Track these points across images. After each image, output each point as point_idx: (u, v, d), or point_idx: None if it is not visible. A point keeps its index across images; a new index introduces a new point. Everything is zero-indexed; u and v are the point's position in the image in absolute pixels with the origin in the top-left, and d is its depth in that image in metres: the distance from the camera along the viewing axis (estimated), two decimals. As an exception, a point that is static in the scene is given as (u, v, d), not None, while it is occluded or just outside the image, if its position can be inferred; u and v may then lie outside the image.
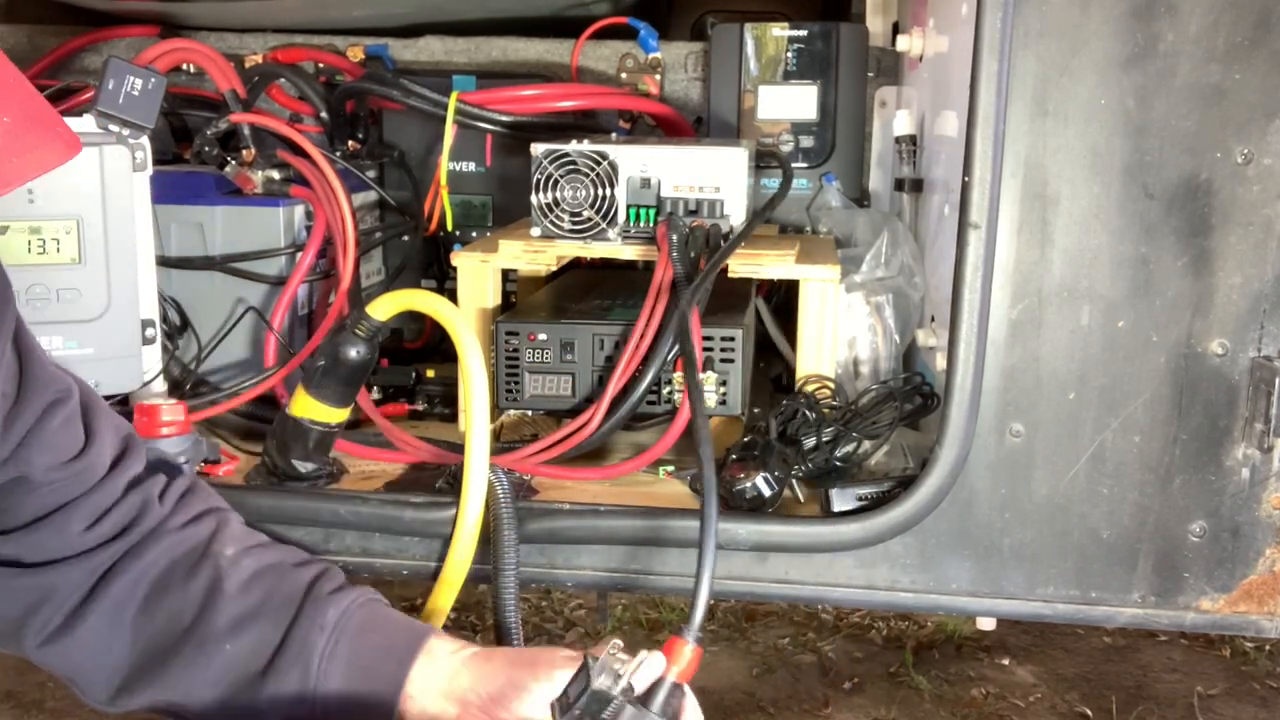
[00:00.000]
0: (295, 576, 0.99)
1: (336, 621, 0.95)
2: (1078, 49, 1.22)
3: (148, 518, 0.98)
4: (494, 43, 2.12)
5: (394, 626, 0.98)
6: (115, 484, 0.97)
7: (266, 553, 1.01)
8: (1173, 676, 2.59)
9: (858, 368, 1.61)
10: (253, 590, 0.97)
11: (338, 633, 0.95)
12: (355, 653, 0.95)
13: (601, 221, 1.49)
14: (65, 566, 0.94)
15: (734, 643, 2.71)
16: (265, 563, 0.99)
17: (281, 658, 0.94)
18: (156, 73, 1.38)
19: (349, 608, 0.96)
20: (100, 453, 0.96)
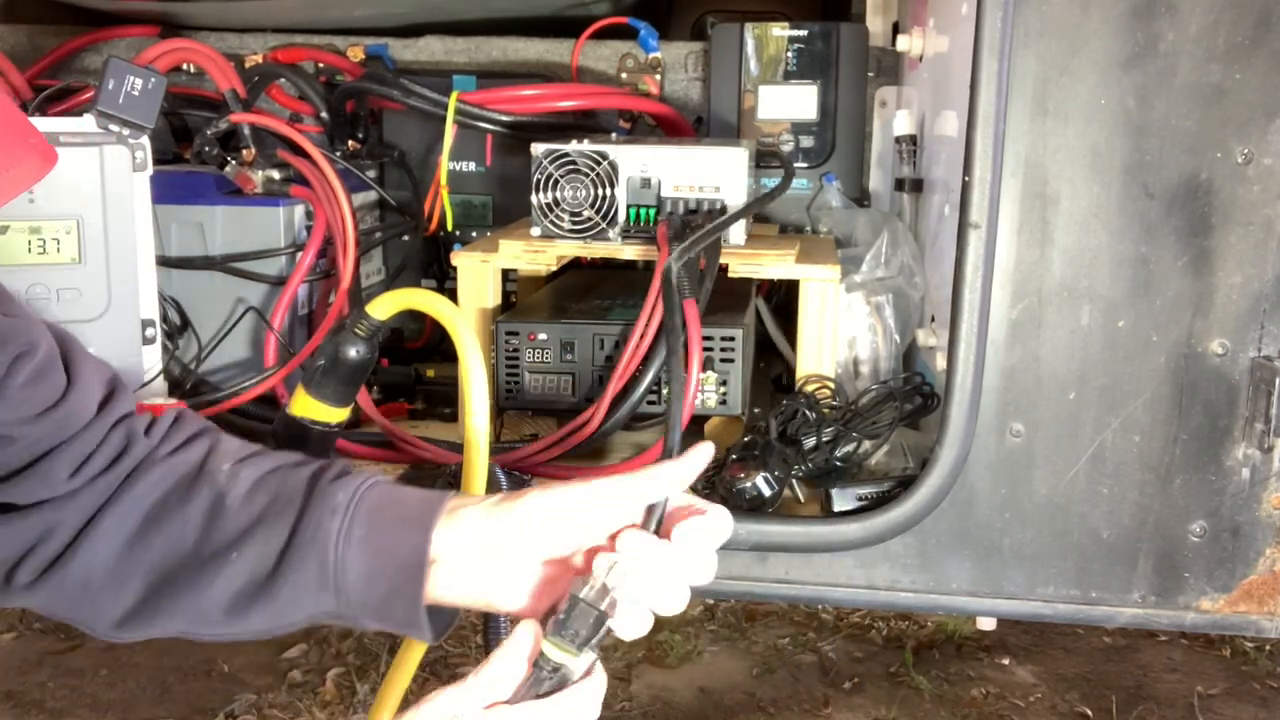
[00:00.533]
0: (297, 474, 0.93)
1: (347, 504, 0.89)
2: (1078, 49, 1.22)
3: (134, 450, 0.94)
4: (494, 43, 2.13)
5: (409, 498, 0.91)
6: (101, 426, 0.93)
7: (264, 459, 0.96)
8: (1173, 676, 2.59)
9: (858, 368, 1.61)
10: (256, 498, 0.92)
11: (350, 513, 0.89)
12: (372, 529, 0.89)
13: (601, 221, 1.49)
14: (55, 507, 0.91)
15: (734, 643, 2.71)
16: (265, 469, 0.94)
17: (294, 552, 0.89)
18: (156, 73, 1.38)
19: (358, 489, 0.91)
20: (83, 399, 0.92)
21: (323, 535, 0.88)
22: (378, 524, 0.89)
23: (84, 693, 2.44)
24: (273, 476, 0.93)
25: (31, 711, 2.38)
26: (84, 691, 2.45)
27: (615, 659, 2.61)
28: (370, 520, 0.89)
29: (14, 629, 2.70)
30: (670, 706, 2.45)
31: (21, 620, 2.73)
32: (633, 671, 2.56)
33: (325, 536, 0.88)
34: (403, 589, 0.88)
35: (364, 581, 0.88)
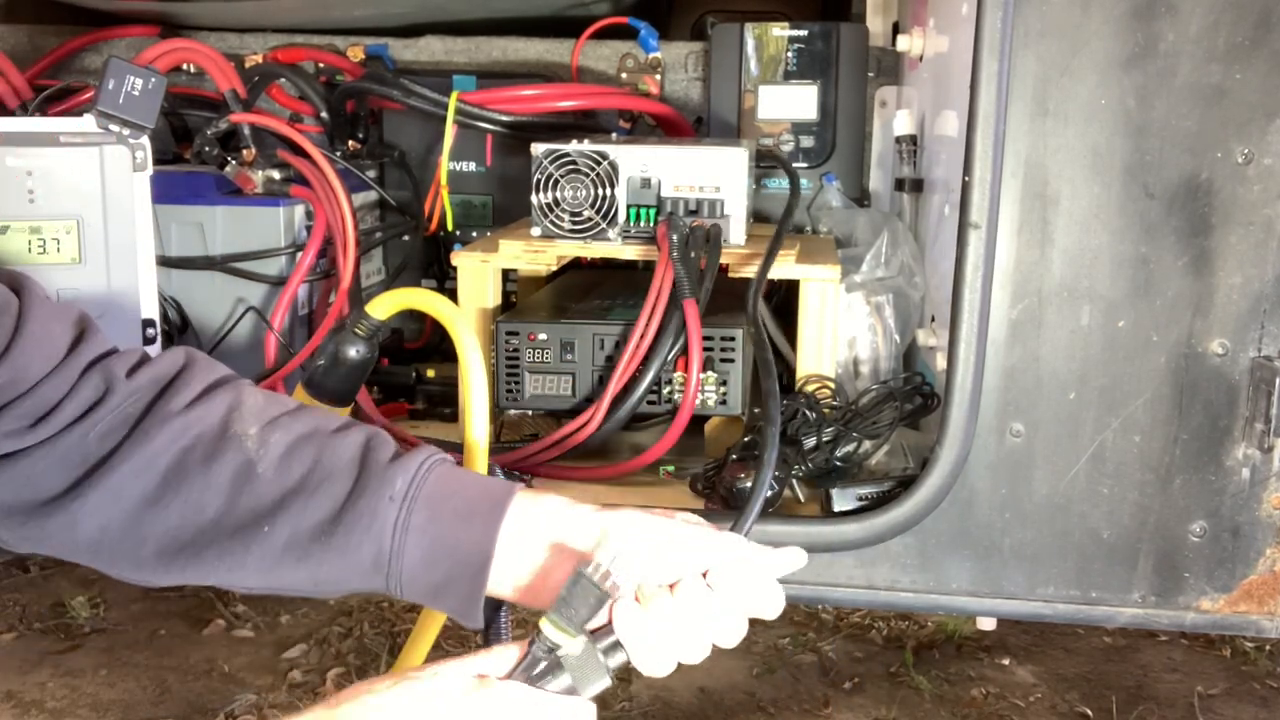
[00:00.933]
0: (340, 445, 0.88)
1: (406, 490, 0.86)
2: (1078, 49, 1.22)
3: (116, 394, 0.87)
4: (494, 43, 2.13)
5: (472, 488, 0.89)
6: (67, 373, 0.86)
7: (296, 422, 0.90)
8: (1173, 676, 2.59)
9: (858, 368, 1.61)
10: (291, 467, 0.87)
11: (410, 501, 0.86)
12: (433, 519, 0.86)
13: (602, 221, 1.49)
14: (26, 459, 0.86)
15: (734, 643, 2.71)
16: (298, 434, 0.89)
17: (345, 532, 0.85)
18: (157, 73, 1.38)
19: (417, 473, 0.87)
20: (26, 357, 0.85)
21: (380, 522, 0.86)
22: (439, 514, 0.86)
23: (84, 693, 2.44)
24: (308, 444, 0.88)
25: (31, 711, 2.38)
26: (84, 691, 2.45)
27: (615, 659, 2.61)
28: (431, 508, 0.86)
29: (14, 629, 2.70)
30: (670, 706, 2.45)
31: (21, 620, 2.74)
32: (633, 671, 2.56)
33: (383, 524, 0.86)
34: (461, 581, 0.86)
35: (421, 569, 0.86)
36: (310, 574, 0.87)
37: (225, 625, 2.73)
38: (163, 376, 0.90)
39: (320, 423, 0.91)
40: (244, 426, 0.88)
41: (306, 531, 0.86)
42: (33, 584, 2.91)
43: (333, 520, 0.86)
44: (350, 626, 2.73)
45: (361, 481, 0.87)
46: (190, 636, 2.68)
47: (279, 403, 0.93)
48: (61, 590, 2.86)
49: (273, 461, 0.87)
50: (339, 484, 0.87)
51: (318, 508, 0.86)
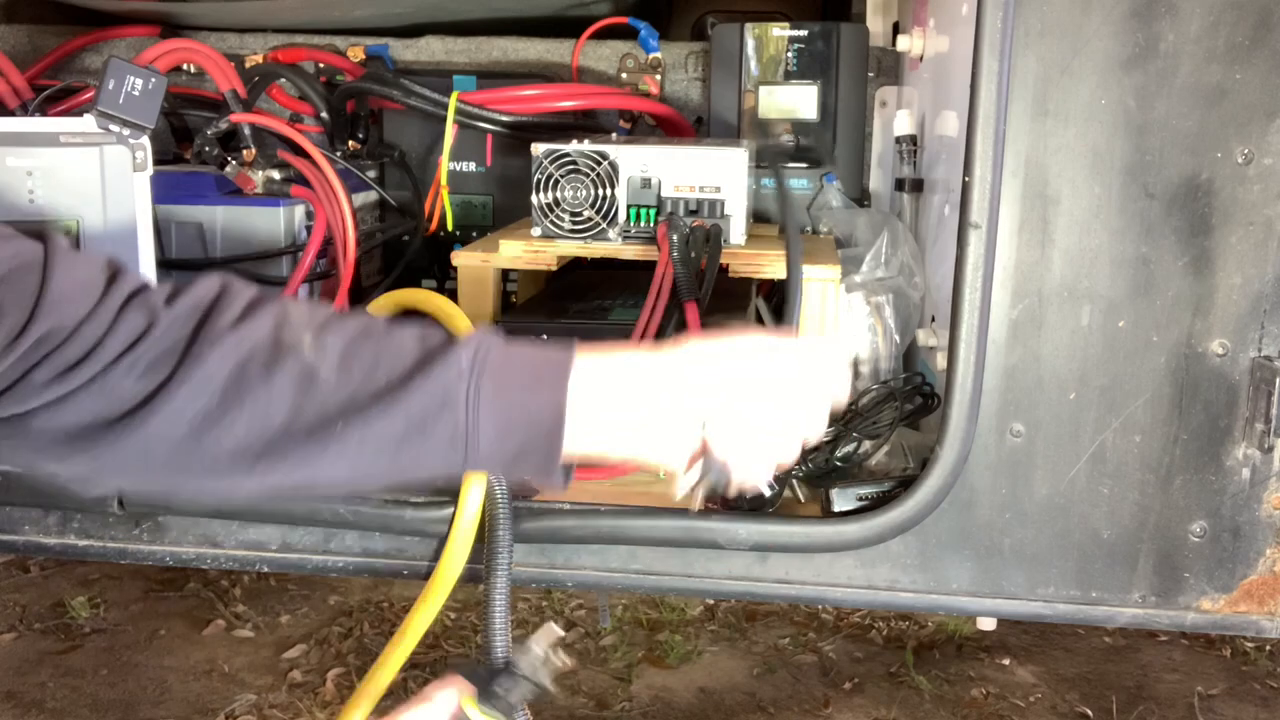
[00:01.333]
0: (397, 336, 0.89)
1: (472, 363, 0.86)
2: (1078, 49, 1.22)
3: (160, 321, 0.86)
4: (494, 43, 2.13)
5: (535, 356, 0.89)
6: (104, 312, 0.86)
7: (345, 324, 0.89)
8: (1173, 676, 2.59)
9: (858, 368, 1.61)
10: (353, 367, 0.87)
11: (477, 373, 0.86)
12: (502, 388, 0.86)
13: (602, 221, 1.49)
14: (76, 400, 0.85)
15: (734, 643, 2.71)
16: (351, 335, 0.88)
17: (423, 416, 0.86)
18: (157, 73, 1.38)
19: (479, 348, 0.87)
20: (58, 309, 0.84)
21: (452, 398, 0.86)
22: (508, 382, 0.87)
23: (84, 693, 2.44)
24: (365, 343, 0.88)
25: (31, 711, 2.38)
26: (84, 691, 2.45)
27: (615, 659, 2.61)
28: (498, 379, 0.87)
29: (14, 629, 2.70)
30: (670, 706, 2.45)
31: (21, 620, 2.74)
32: (633, 671, 2.56)
33: (455, 399, 0.86)
34: (538, 443, 0.87)
35: (497, 438, 0.87)
36: (391, 462, 0.87)
37: (225, 625, 2.73)
38: (203, 300, 0.90)
39: (370, 322, 0.91)
40: (296, 335, 0.88)
41: (390, 425, 0.86)
42: (33, 584, 2.91)
43: (410, 409, 0.86)
44: (350, 626, 2.73)
45: (426, 365, 0.87)
46: (190, 636, 2.69)
47: (324, 310, 0.93)
48: (61, 590, 2.86)
49: (333, 364, 0.87)
50: (406, 372, 0.87)
51: (394, 401, 0.86)
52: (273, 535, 1.41)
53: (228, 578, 2.92)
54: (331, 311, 0.93)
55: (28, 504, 1.43)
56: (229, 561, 1.43)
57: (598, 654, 2.64)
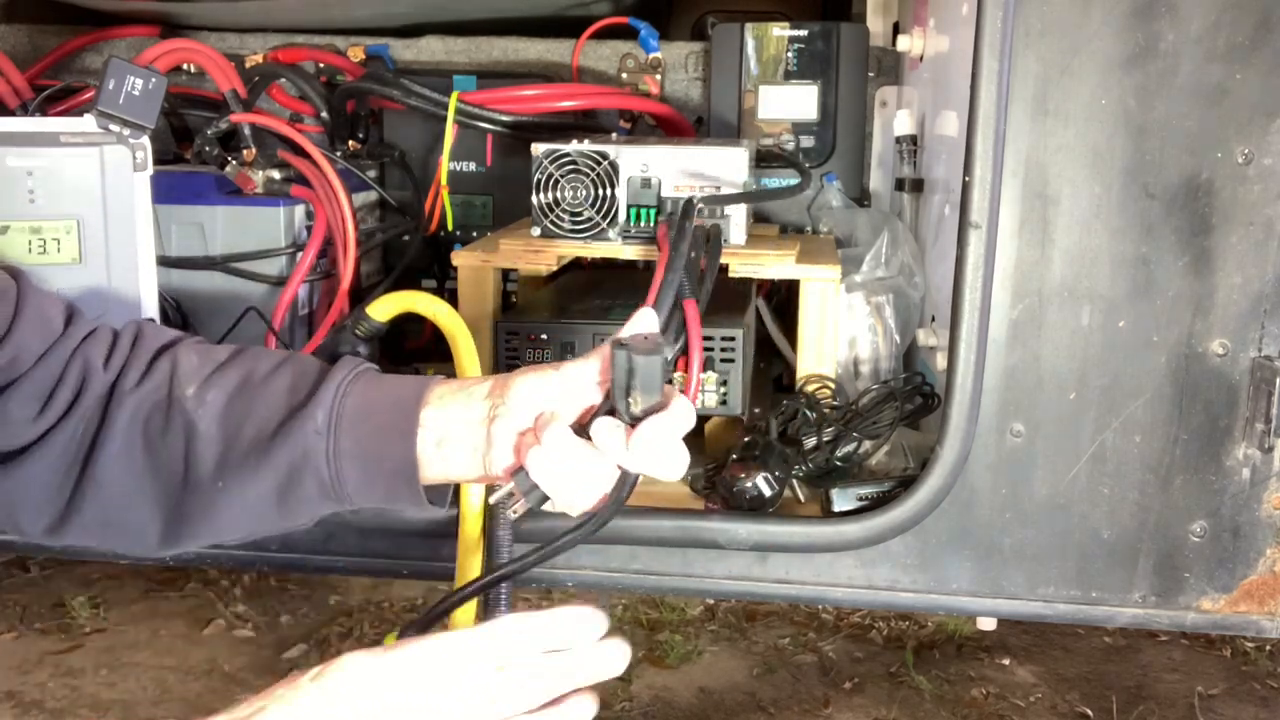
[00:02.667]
0: (268, 392, 0.93)
1: (328, 422, 0.91)
2: (1078, 49, 1.22)
3: (93, 384, 0.93)
4: (495, 43, 2.12)
5: (384, 403, 0.92)
6: (57, 358, 0.93)
7: (227, 376, 0.94)
8: (1173, 676, 2.59)
9: (858, 368, 1.61)
10: (228, 424, 0.92)
11: (334, 430, 0.91)
12: (358, 443, 0.91)
13: (602, 221, 1.49)
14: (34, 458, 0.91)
15: (734, 643, 2.71)
16: (230, 390, 0.93)
17: (290, 475, 0.91)
18: (157, 72, 1.38)
19: (334, 403, 0.91)
20: (26, 336, 0.91)
21: (314, 459, 0.91)
22: (362, 437, 0.91)
23: (84, 693, 2.44)
24: (239, 398, 0.93)
25: (31, 711, 2.38)
26: (84, 691, 2.45)
27: (615, 659, 2.61)
28: (354, 433, 0.91)
29: (14, 629, 2.70)
30: (670, 706, 2.45)
31: (22, 620, 2.74)
32: (633, 671, 2.56)
33: (317, 459, 0.91)
34: (400, 489, 0.92)
35: (364, 488, 0.92)
36: (279, 510, 0.93)
37: (225, 625, 2.73)
38: (119, 357, 0.96)
39: (251, 369, 0.95)
40: (183, 389, 0.93)
41: (263, 482, 0.92)
42: (33, 584, 2.91)
43: (279, 468, 0.91)
44: (350, 626, 2.73)
45: (286, 424, 0.91)
46: (190, 636, 2.69)
47: (212, 358, 0.97)
48: (62, 590, 2.86)
49: (213, 419, 0.93)
50: (270, 431, 0.92)
51: (264, 461, 0.91)
52: (273, 535, 1.41)
53: (228, 578, 2.92)
54: (219, 359, 0.97)
55: (28, 504, 1.43)
56: (229, 561, 1.43)
57: (598, 654, 2.64)
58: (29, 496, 0.93)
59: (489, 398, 0.91)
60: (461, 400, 0.92)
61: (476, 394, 0.92)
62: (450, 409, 0.91)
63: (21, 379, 0.91)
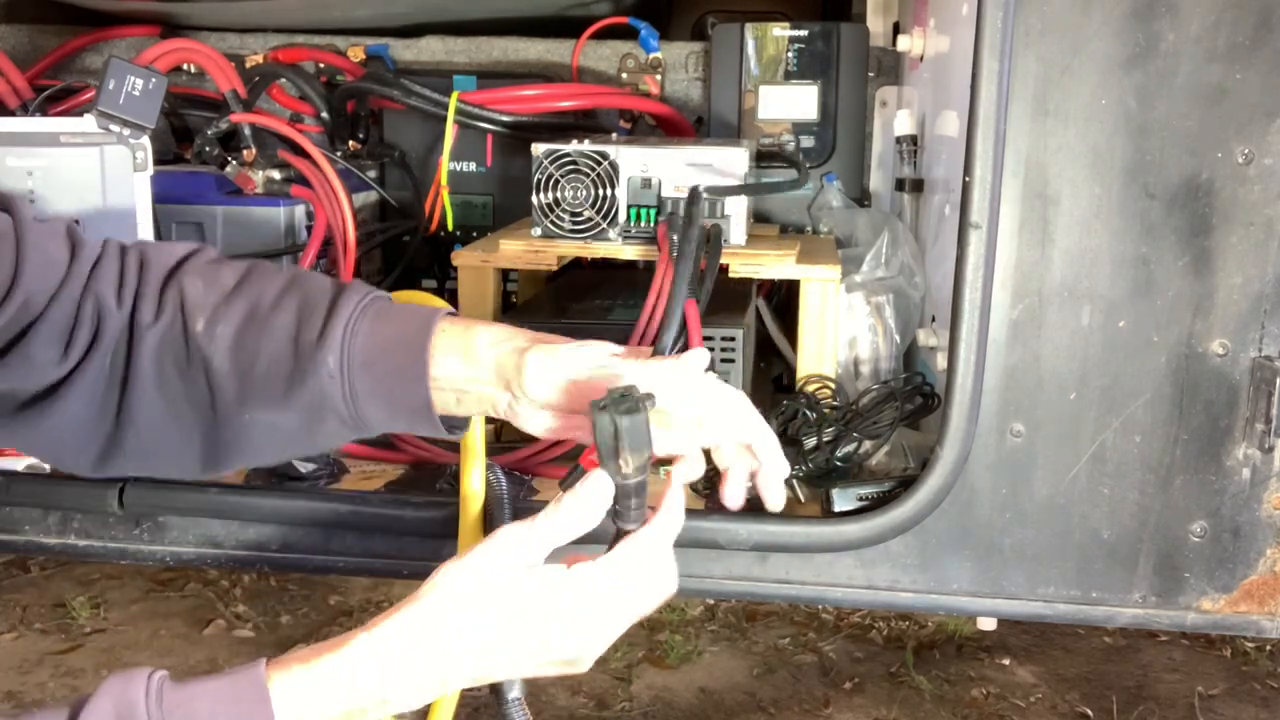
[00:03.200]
0: (275, 329, 0.93)
1: (340, 365, 0.92)
2: (1079, 49, 1.22)
3: (110, 320, 0.93)
4: (495, 43, 2.13)
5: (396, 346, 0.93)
6: (69, 296, 0.92)
7: (233, 307, 0.94)
8: (1173, 677, 2.59)
9: (858, 368, 1.61)
10: (240, 360, 0.93)
11: (348, 374, 0.92)
12: (375, 385, 0.92)
13: (602, 221, 1.49)
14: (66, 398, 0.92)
15: (734, 643, 2.71)
16: (236, 325, 0.94)
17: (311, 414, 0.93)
18: (157, 73, 1.38)
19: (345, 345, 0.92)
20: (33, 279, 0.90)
21: (332, 401, 0.92)
22: (376, 380, 0.92)
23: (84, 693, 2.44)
24: (247, 333, 0.93)
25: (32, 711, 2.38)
26: (84, 691, 2.45)
27: (615, 659, 2.61)
28: (367, 376, 0.92)
29: (14, 629, 2.70)
30: (670, 706, 2.45)
31: (22, 620, 2.74)
32: (633, 671, 2.56)
33: (335, 401, 0.92)
34: (420, 424, 0.94)
35: (386, 423, 0.95)
36: (307, 445, 0.97)
37: (225, 625, 2.73)
38: (130, 289, 0.95)
39: (257, 298, 0.95)
40: (193, 324, 0.93)
41: (286, 420, 0.93)
42: (33, 584, 2.91)
43: (301, 407, 0.93)
44: (350, 626, 2.72)
45: (302, 365, 0.92)
46: (190, 636, 2.69)
47: (219, 284, 0.96)
48: (62, 590, 2.86)
49: (225, 355, 0.93)
50: (284, 372, 0.92)
51: (275, 395, 0.93)
52: (273, 535, 1.41)
53: (228, 578, 2.92)
54: (225, 284, 0.96)
55: (28, 504, 1.43)
56: (229, 562, 1.43)
57: (598, 654, 2.64)
58: (70, 434, 0.94)
59: (502, 387, 0.93)
60: (471, 367, 0.93)
61: (485, 367, 0.93)
62: (460, 372, 0.93)
63: (38, 322, 0.90)
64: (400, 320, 0.94)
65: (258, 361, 0.92)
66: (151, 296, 0.94)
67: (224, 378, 0.93)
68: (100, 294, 0.93)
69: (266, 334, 0.93)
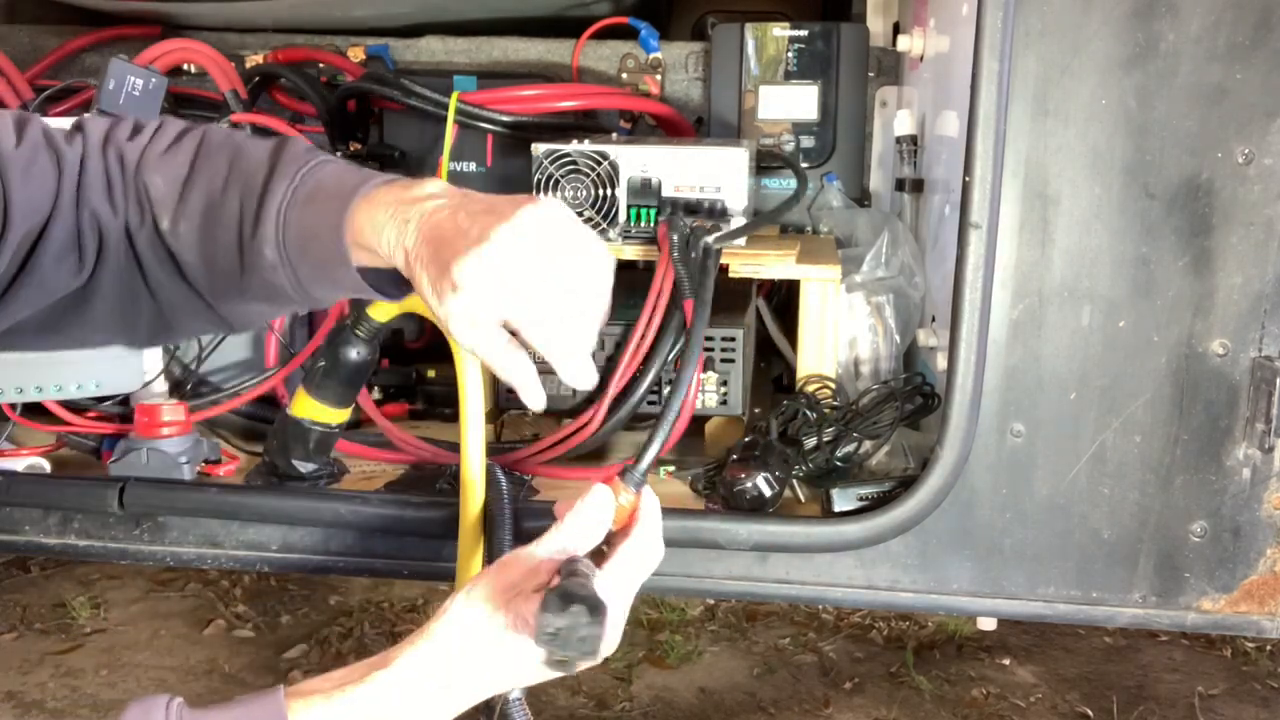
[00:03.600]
0: (225, 220, 0.94)
1: (278, 256, 0.93)
2: (1079, 49, 1.22)
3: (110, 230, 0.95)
4: (495, 43, 2.12)
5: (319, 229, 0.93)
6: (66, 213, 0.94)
7: (190, 203, 0.95)
8: (1174, 677, 2.59)
9: (858, 368, 1.61)
10: (205, 255, 0.95)
11: (288, 263, 0.93)
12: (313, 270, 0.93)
13: (602, 221, 1.49)
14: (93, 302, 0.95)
15: (734, 643, 2.71)
16: (196, 222, 0.95)
17: (274, 300, 0.96)
18: (157, 73, 1.38)
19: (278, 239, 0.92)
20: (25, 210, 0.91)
21: (281, 288, 0.94)
22: (314, 266, 0.93)
23: (84, 693, 2.44)
24: (206, 228, 0.95)
25: (32, 711, 2.38)
26: (84, 691, 2.45)
27: (615, 659, 2.61)
28: (305, 261, 0.93)
29: (14, 629, 2.70)
30: (670, 706, 2.45)
31: (22, 620, 2.74)
32: (633, 671, 2.56)
33: (283, 288, 0.94)
34: (363, 297, 0.96)
35: (334, 298, 0.98)
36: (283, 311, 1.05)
37: (225, 625, 2.73)
38: (119, 195, 0.96)
39: (209, 188, 0.96)
40: (161, 223, 0.96)
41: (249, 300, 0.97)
42: (33, 584, 2.91)
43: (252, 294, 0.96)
44: (350, 626, 2.73)
45: (246, 262, 0.94)
46: (191, 636, 2.68)
47: (175, 175, 0.97)
48: (62, 590, 2.86)
49: (191, 251, 0.95)
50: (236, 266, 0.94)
51: (238, 286, 0.95)
52: (273, 535, 1.41)
53: (228, 578, 2.92)
54: (179, 170, 0.96)
55: (28, 504, 1.43)
56: (229, 562, 1.43)
57: (598, 654, 2.64)
58: (111, 328, 0.99)
59: None
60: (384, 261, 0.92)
61: None
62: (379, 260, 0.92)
63: (44, 241, 0.92)
64: (323, 205, 0.93)
65: (217, 257, 0.95)
66: (134, 198, 0.96)
67: (196, 271, 0.95)
68: (95, 206, 0.94)
69: (220, 227, 0.95)
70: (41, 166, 0.93)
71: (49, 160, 0.94)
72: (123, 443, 1.43)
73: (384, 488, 1.41)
